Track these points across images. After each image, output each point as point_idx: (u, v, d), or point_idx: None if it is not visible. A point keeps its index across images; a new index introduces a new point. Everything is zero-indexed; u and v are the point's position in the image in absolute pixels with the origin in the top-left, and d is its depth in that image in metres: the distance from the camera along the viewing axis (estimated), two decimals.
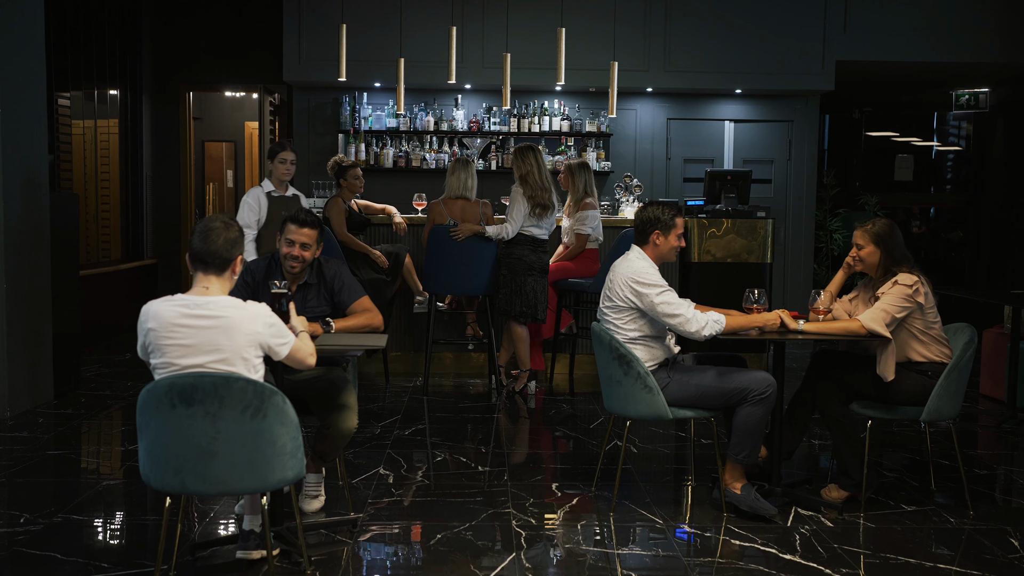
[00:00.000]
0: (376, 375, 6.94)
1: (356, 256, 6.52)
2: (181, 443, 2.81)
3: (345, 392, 3.82)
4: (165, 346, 2.83)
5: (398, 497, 4.22)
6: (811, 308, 4.12)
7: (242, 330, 2.86)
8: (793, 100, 9.00)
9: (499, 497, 4.24)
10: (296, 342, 3.05)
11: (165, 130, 9.54)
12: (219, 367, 2.84)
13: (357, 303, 3.96)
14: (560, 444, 5.33)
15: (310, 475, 4.00)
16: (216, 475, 2.83)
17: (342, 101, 8.68)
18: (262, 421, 2.83)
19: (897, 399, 4.01)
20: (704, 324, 3.82)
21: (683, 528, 3.89)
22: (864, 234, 4.07)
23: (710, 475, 4.52)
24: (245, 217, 5.87)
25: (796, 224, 9.11)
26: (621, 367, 3.91)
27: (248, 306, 2.89)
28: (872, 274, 4.13)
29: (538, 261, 6.28)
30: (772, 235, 7.18)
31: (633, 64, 8.33)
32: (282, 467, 2.91)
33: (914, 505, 4.17)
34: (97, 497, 4.21)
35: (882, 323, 3.87)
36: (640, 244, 4.08)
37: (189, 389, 2.77)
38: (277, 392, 2.85)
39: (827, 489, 4.17)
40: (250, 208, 5.88)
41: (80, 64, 7.98)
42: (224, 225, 2.94)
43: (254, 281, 3.95)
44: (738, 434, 3.92)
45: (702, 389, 3.91)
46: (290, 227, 3.83)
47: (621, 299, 3.96)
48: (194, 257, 2.94)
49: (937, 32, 8.53)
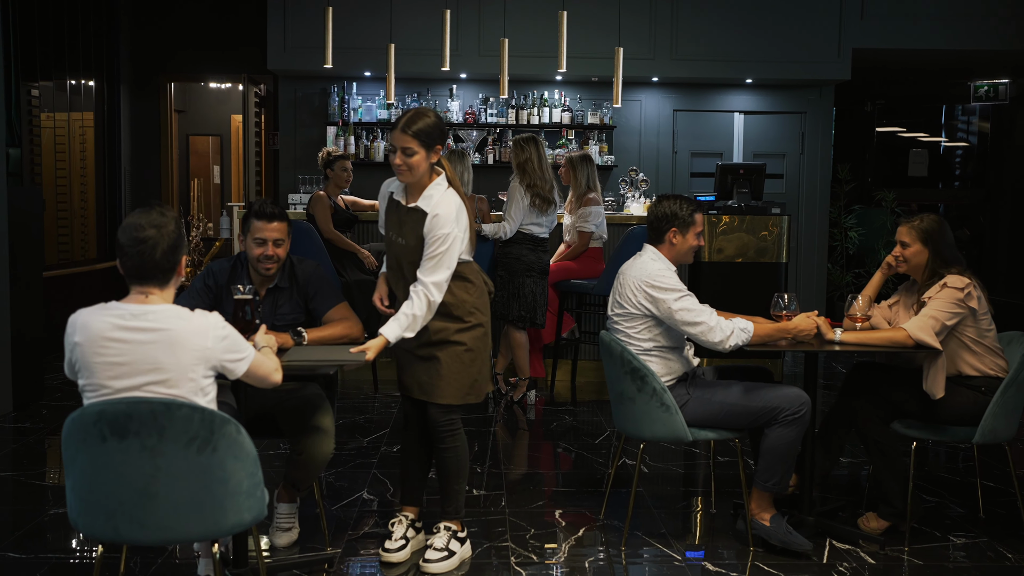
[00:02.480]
0: (364, 383, 6.47)
1: (343, 256, 6.04)
2: (113, 483, 2.34)
3: (320, 412, 3.36)
4: (94, 364, 2.36)
5: (383, 528, 3.75)
6: (847, 315, 3.65)
7: (187, 345, 2.38)
8: (806, 90, 8.54)
9: (496, 527, 3.77)
10: (257, 358, 2.57)
11: (145, 123, 9.06)
12: (159, 390, 2.37)
13: (334, 310, 3.48)
14: (562, 461, 4.87)
15: (282, 505, 3.55)
16: (157, 520, 2.36)
17: (330, 91, 8.21)
18: (211, 455, 2.36)
19: (946, 418, 3.55)
20: (729, 333, 3.35)
21: (706, 565, 3.42)
22: (910, 231, 3.60)
23: (732, 500, 4.06)
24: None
25: (809, 221, 8.66)
26: (634, 382, 3.44)
27: (196, 316, 2.42)
28: (916, 277, 3.66)
29: (538, 261, 5.81)
30: (788, 233, 6.72)
31: (638, 52, 7.87)
32: (236, 509, 2.44)
33: (963, 536, 3.71)
34: (42, 529, 3.73)
35: (931, 332, 3.41)
36: (654, 243, 3.61)
37: (122, 418, 2.30)
38: (230, 421, 2.38)
39: (865, 518, 3.71)
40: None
41: (50, 52, 7.49)
42: (157, 229, 2.40)
43: (216, 285, 3.47)
44: (767, 458, 3.45)
45: (726, 407, 3.44)
46: (256, 224, 3.36)
47: (634, 305, 3.49)
48: (128, 273, 2.43)
49: (958, 18, 8.05)
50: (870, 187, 10.16)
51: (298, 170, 8.21)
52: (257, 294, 3.41)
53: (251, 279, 3.46)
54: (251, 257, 3.42)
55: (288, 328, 3.36)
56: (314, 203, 6.12)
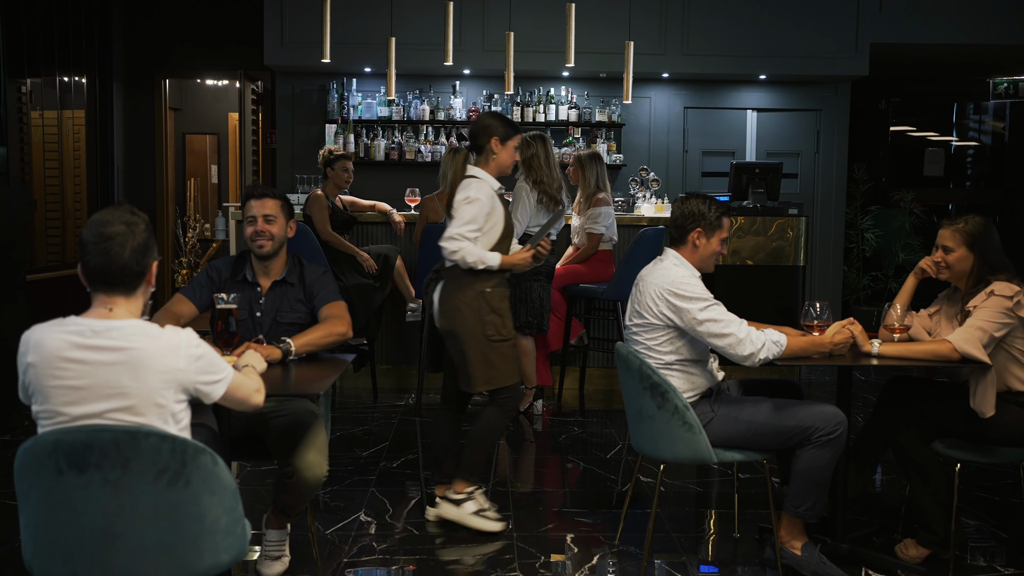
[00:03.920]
0: (363, 391, 6.19)
1: (341, 259, 5.76)
2: (72, 522, 2.06)
3: (312, 431, 3.08)
4: (48, 388, 2.08)
5: (380, 555, 3.47)
6: (883, 325, 3.37)
7: (155, 366, 2.10)
8: (822, 87, 8.25)
9: (503, 554, 3.49)
10: (236, 379, 2.29)
11: (139, 121, 8.78)
12: (123, 418, 2.09)
13: (326, 307, 3.33)
14: (571, 478, 4.58)
15: (271, 531, 3.27)
16: (121, 564, 2.08)
17: (329, 88, 7.93)
18: (184, 489, 2.09)
19: (994, 437, 3.26)
20: (760, 346, 3.07)
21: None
22: (954, 234, 3.31)
23: (757, 524, 3.77)
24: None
25: (824, 222, 8.38)
26: (654, 399, 3.16)
27: (166, 334, 2.14)
28: (960, 284, 3.37)
29: (545, 264, 5.49)
30: (806, 235, 6.44)
31: (648, 47, 7.58)
32: (213, 549, 2.16)
33: (1011, 567, 3.42)
34: (12, 554, 3.46)
35: (978, 344, 3.12)
36: (676, 245, 3.33)
37: (81, 448, 2.02)
38: (205, 451, 2.10)
39: (903, 545, 3.42)
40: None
41: (39, 48, 7.22)
42: (127, 226, 2.13)
43: (220, 279, 3.37)
44: (799, 482, 3.17)
45: (754, 427, 3.16)
46: (250, 203, 3.32)
47: (654, 315, 3.21)
48: (92, 276, 2.15)
49: (979, 12, 7.76)
50: (885, 187, 9.86)
51: (296, 169, 7.94)
52: (261, 295, 3.33)
53: (254, 271, 3.36)
54: (247, 240, 3.33)
55: (290, 328, 3.25)
56: (311, 203, 5.84)
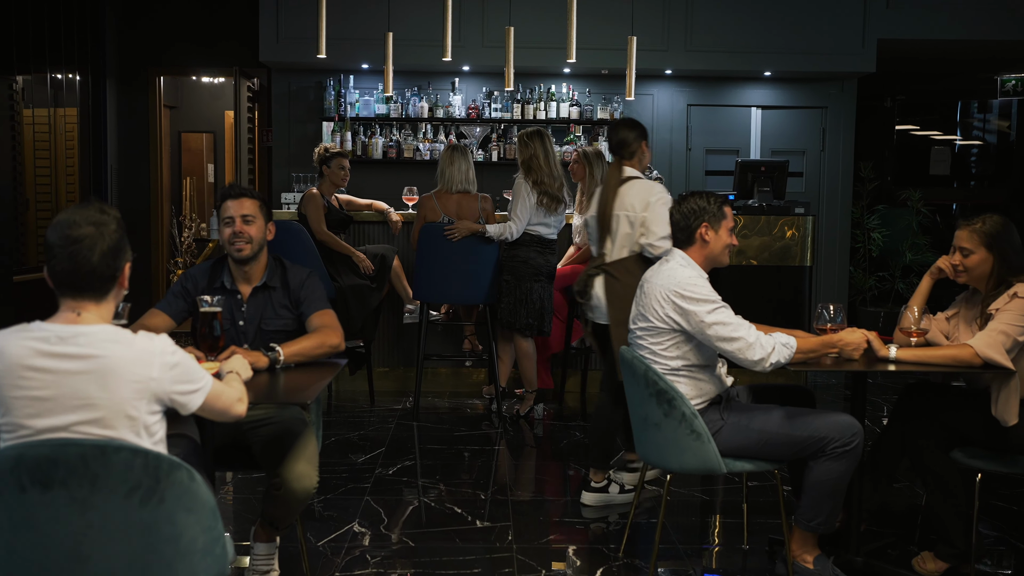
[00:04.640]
0: (360, 395, 6.04)
1: (337, 259, 5.62)
2: (36, 543, 1.91)
3: (302, 441, 2.94)
4: (10, 400, 1.93)
5: (374, 568, 3.33)
6: (899, 328, 3.22)
7: (126, 375, 1.95)
8: (828, 84, 8.09)
9: (503, 568, 3.34)
10: (215, 388, 2.15)
11: (133, 119, 8.62)
12: (91, 431, 1.95)
13: (315, 316, 3.13)
14: (573, 484, 4.43)
15: (260, 545, 3.12)
16: None
17: (326, 85, 7.78)
18: (157, 508, 1.94)
19: (1017, 446, 3.11)
20: (771, 350, 2.92)
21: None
22: (972, 235, 3.16)
23: (767, 535, 3.63)
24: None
25: (830, 221, 8.22)
26: (660, 406, 3.01)
27: (139, 340, 2.00)
28: (979, 287, 3.22)
29: (546, 264, 5.37)
30: (813, 234, 6.29)
31: (651, 43, 7.41)
32: (190, 571, 2.02)
33: None
34: None
35: (1001, 349, 2.98)
36: (682, 246, 3.19)
37: (45, 464, 1.87)
38: (181, 466, 1.95)
39: (920, 559, 3.27)
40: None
41: (31, 44, 7.07)
42: (96, 227, 1.98)
43: (196, 288, 3.17)
44: (812, 494, 3.02)
45: (766, 436, 3.01)
46: (226, 204, 3.13)
47: (660, 319, 3.06)
48: (59, 281, 2.00)
49: (989, 7, 7.61)
50: (890, 186, 9.71)
51: (293, 168, 7.78)
52: (242, 302, 3.10)
53: (233, 277, 3.17)
54: (224, 244, 3.14)
55: (276, 335, 3.07)
56: (306, 201, 5.69)
